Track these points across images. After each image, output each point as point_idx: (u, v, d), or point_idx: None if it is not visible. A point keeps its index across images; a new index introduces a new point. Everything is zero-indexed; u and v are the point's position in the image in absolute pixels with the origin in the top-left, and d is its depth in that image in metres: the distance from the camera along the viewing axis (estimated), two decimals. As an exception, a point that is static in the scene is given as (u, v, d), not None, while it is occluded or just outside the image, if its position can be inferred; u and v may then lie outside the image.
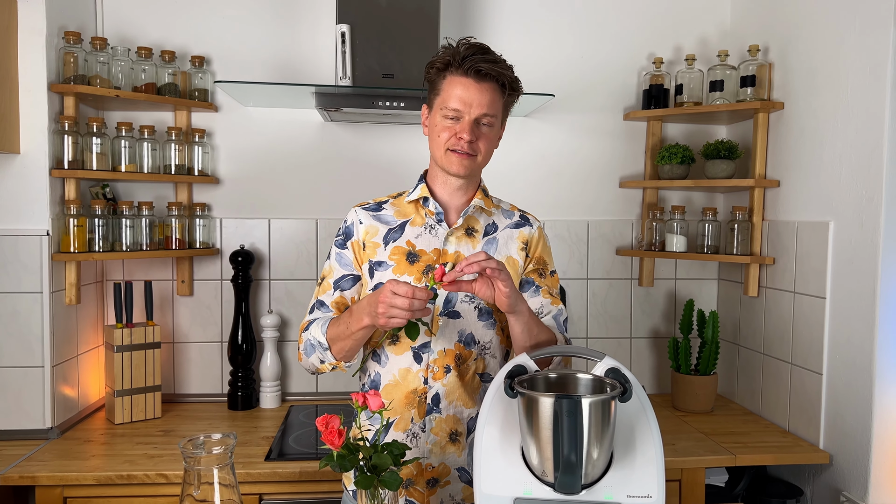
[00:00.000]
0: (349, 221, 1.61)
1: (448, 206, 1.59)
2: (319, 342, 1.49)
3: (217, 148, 2.58)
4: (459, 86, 1.45)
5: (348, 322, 1.44)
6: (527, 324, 1.44)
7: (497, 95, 1.48)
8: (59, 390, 2.21)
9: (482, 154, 1.51)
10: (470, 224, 1.58)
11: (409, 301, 1.31)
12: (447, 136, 1.48)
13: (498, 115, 1.51)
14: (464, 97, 1.45)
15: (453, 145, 1.48)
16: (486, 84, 1.45)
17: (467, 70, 1.44)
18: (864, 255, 1.96)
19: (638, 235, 2.76)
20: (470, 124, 1.46)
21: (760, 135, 2.42)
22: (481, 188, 1.62)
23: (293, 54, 2.57)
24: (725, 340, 2.73)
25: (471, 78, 1.45)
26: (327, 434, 1.21)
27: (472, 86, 1.45)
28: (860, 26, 1.99)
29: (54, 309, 2.17)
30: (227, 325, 2.59)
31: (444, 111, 1.47)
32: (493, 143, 1.53)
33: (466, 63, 1.44)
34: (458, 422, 1.54)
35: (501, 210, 1.65)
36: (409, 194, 1.60)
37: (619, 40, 2.71)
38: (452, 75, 1.47)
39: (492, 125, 1.50)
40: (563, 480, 1.16)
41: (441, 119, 1.49)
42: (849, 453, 2.02)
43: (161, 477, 1.90)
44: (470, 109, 1.45)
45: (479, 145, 1.49)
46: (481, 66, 1.43)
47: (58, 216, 2.19)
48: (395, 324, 1.34)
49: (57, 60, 2.19)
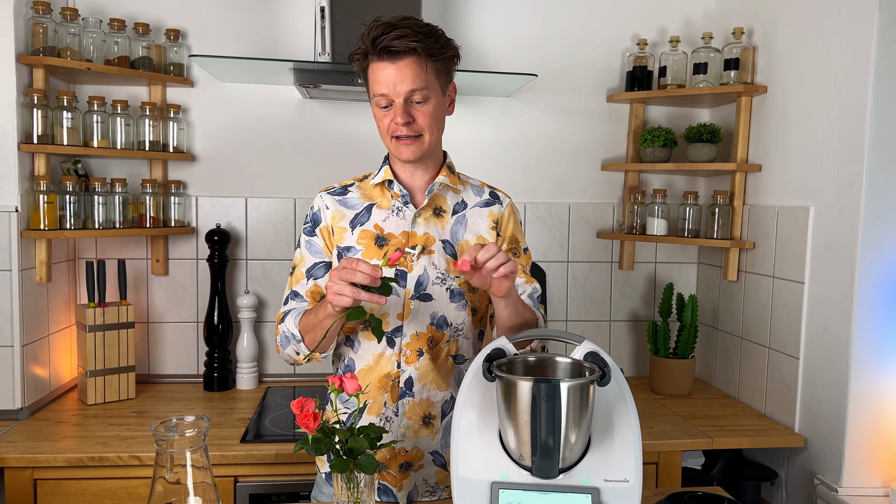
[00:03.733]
0: (316, 207, 1.58)
1: (412, 188, 1.55)
2: (293, 334, 1.47)
3: (193, 124, 2.52)
4: (378, 70, 1.41)
5: (317, 311, 1.41)
6: (515, 305, 1.43)
7: (418, 67, 1.41)
8: (29, 370, 2.16)
9: (427, 131, 1.45)
10: (437, 203, 1.55)
11: (352, 272, 1.27)
12: (386, 122, 1.45)
13: (431, 87, 1.44)
14: (385, 81, 1.40)
15: (394, 131, 1.45)
16: (402, 61, 1.39)
17: (380, 53, 1.39)
18: (843, 241, 1.97)
19: (619, 218, 2.75)
20: (401, 107, 1.41)
21: (743, 118, 2.42)
22: (447, 165, 1.57)
23: (271, 29, 2.52)
24: (704, 324, 2.74)
25: (385, 60, 1.40)
26: (302, 417, 1.18)
27: (388, 67, 1.40)
28: (844, 12, 1.98)
29: (24, 287, 2.12)
30: (203, 305, 2.55)
31: (376, 100, 1.44)
32: (435, 117, 1.46)
33: (377, 46, 1.38)
34: (432, 405, 1.53)
35: (471, 186, 1.61)
36: (374, 177, 1.57)
37: (603, 21, 2.68)
38: (372, 62, 1.42)
39: (425, 99, 1.43)
40: (541, 465, 1.15)
41: (377, 109, 1.46)
42: (823, 437, 2.04)
43: (134, 459, 1.87)
44: (395, 90, 1.41)
45: (418, 125, 1.44)
46: (391, 45, 1.38)
47: (27, 192, 2.13)
48: (342, 301, 1.28)
49: (25, 31, 2.12)
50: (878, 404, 1.93)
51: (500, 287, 1.35)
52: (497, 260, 1.30)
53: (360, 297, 1.28)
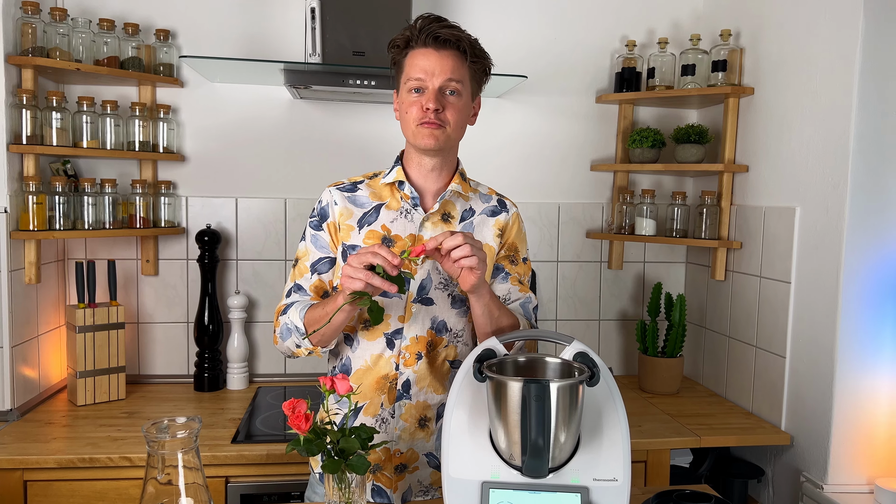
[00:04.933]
0: (324, 202, 1.56)
1: (424, 191, 1.55)
2: (297, 326, 1.46)
3: (183, 124, 2.52)
4: (420, 56, 1.44)
5: (325, 304, 1.41)
6: (487, 306, 1.42)
7: (459, 61, 1.45)
8: (18, 371, 2.15)
9: (451, 125, 1.46)
10: (446, 209, 1.55)
11: (373, 254, 1.28)
12: (415, 110, 1.45)
13: (465, 83, 1.46)
14: (425, 66, 1.43)
15: (421, 118, 1.44)
16: (446, 51, 1.43)
17: (426, 40, 1.43)
18: (828, 241, 1.99)
19: (608, 218, 2.77)
20: (434, 92, 1.43)
21: (730, 120, 2.44)
22: (459, 171, 1.57)
23: (262, 29, 2.52)
24: (692, 323, 2.77)
25: (430, 47, 1.43)
26: (294, 418, 1.19)
27: (432, 54, 1.43)
28: (830, 15, 2.00)
29: (13, 288, 2.11)
30: (194, 305, 2.55)
31: (408, 84, 1.45)
32: (462, 114, 1.48)
33: (424, 33, 1.42)
34: (428, 408, 1.54)
35: (479, 194, 1.61)
36: (385, 176, 1.56)
37: (592, 22, 2.69)
38: (413, 50, 1.45)
39: (458, 93, 1.45)
40: (531, 464, 1.16)
41: (407, 94, 1.46)
42: (809, 435, 2.06)
43: (125, 460, 1.87)
44: (433, 78, 1.43)
45: (446, 115, 1.45)
46: (439, 33, 1.42)
47: (16, 193, 2.12)
48: (353, 284, 1.29)
49: (14, 31, 2.11)
50: (863, 402, 1.96)
51: (466, 280, 1.35)
52: (461, 251, 1.30)
53: (373, 283, 1.28)
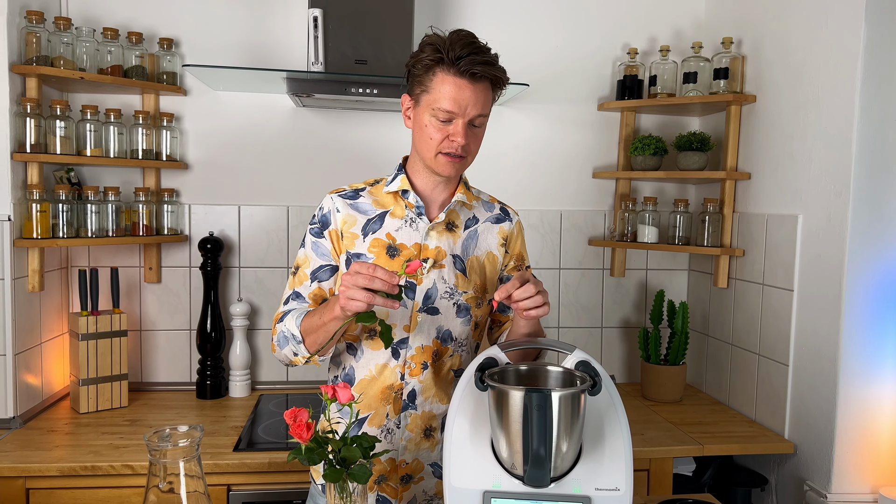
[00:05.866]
0: (325, 209, 1.54)
1: (429, 200, 1.54)
2: (293, 334, 1.44)
3: (186, 132, 2.53)
4: (454, 86, 1.38)
5: (322, 313, 1.39)
6: (536, 324, 1.47)
7: (490, 94, 1.43)
8: (21, 379, 2.16)
9: (472, 154, 1.47)
10: (451, 218, 1.55)
11: (370, 279, 1.25)
12: (440, 137, 1.41)
13: (488, 114, 1.46)
14: (459, 99, 1.37)
15: (446, 148, 1.42)
16: (480, 84, 1.39)
17: (462, 71, 1.36)
18: (831, 249, 1.99)
19: (610, 226, 2.77)
20: (464, 127, 1.40)
21: (732, 127, 2.44)
22: (463, 181, 1.58)
23: (265, 38, 2.53)
24: (695, 331, 2.76)
25: (465, 79, 1.37)
26: (295, 427, 1.19)
27: (466, 87, 1.37)
28: (832, 22, 2.00)
29: (16, 296, 2.12)
30: (196, 313, 2.55)
31: (435, 112, 1.40)
32: (481, 140, 1.48)
33: (462, 64, 1.36)
34: (433, 418, 1.53)
35: (482, 202, 1.62)
36: (388, 184, 1.55)
37: (594, 30, 2.70)
38: (445, 73, 1.38)
39: (483, 125, 1.46)
40: (533, 474, 1.16)
41: (431, 119, 1.41)
42: (813, 443, 2.05)
43: (127, 468, 1.87)
44: (465, 111, 1.39)
45: (469, 147, 1.44)
46: (476, 69, 1.36)
47: (20, 201, 2.13)
48: (354, 306, 1.26)
49: (19, 40, 2.12)
50: (867, 411, 1.95)
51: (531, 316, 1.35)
52: (533, 301, 1.32)
53: (375, 303, 1.26)
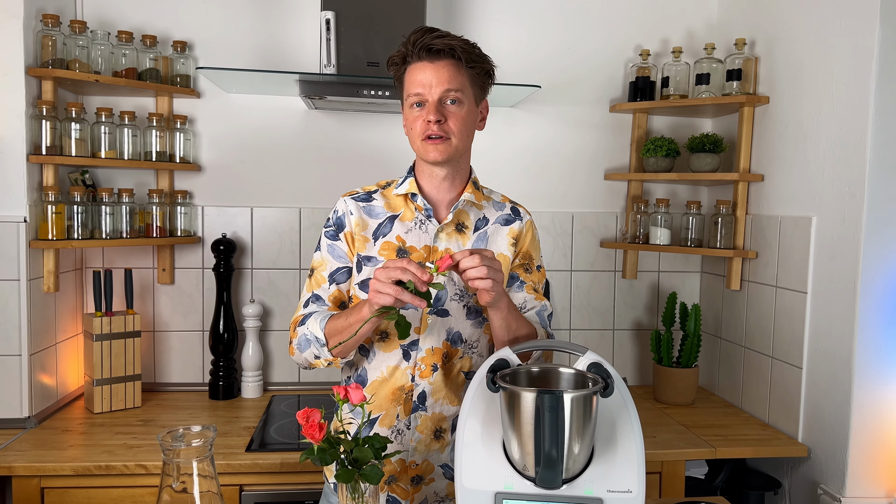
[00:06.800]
0: (340, 212, 1.56)
1: (437, 201, 1.55)
2: (317, 337, 1.45)
3: (199, 135, 2.54)
4: (416, 70, 1.44)
5: (348, 316, 1.40)
6: (505, 319, 1.43)
7: (455, 70, 1.44)
8: (36, 379, 2.18)
9: (456, 135, 1.45)
10: (460, 219, 1.55)
11: (402, 269, 1.27)
12: (419, 125, 1.45)
13: (465, 91, 1.45)
14: (422, 79, 1.43)
15: (425, 130, 1.44)
16: (441, 61, 1.43)
17: (420, 53, 1.43)
18: (845, 251, 1.98)
19: (622, 228, 2.76)
20: (434, 105, 1.43)
21: (745, 129, 2.43)
22: (472, 181, 1.57)
23: (277, 41, 2.54)
24: (707, 333, 2.75)
25: (424, 60, 1.43)
26: (308, 428, 1.19)
27: (427, 67, 1.43)
28: (845, 23, 1.99)
29: (32, 297, 2.14)
30: (209, 314, 2.56)
31: (409, 99, 1.45)
32: (466, 122, 1.47)
33: (417, 46, 1.42)
34: (444, 419, 1.53)
35: (492, 202, 1.61)
36: (397, 187, 1.56)
37: (606, 32, 2.70)
38: (411, 64, 1.46)
39: (459, 101, 1.45)
40: (544, 475, 1.16)
41: (409, 110, 1.46)
42: (827, 447, 2.04)
43: (140, 468, 1.88)
44: (431, 90, 1.43)
45: (449, 126, 1.44)
46: (431, 44, 1.42)
47: (35, 203, 2.15)
48: (382, 299, 1.28)
49: (35, 44, 2.14)
50: (882, 414, 1.93)
51: (481, 297, 1.36)
52: (476, 272, 1.31)
53: (403, 298, 1.28)
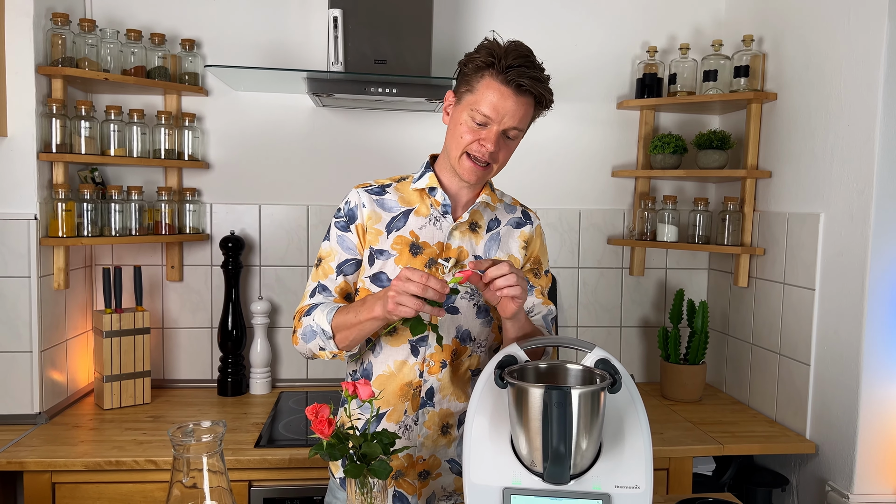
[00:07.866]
0: (352, 203, 1.55)
1: (455, 199, 1.55)
2: (323, 329, 1.44)
3: (207, 132, 2.55)
4: (497, 93, 1.38)
5: (358, 311, 1.39)
6: (522, 328, 1.45)
7: (530, 110, 1.43)
8: (47, 375, 2.20)
9: (499, 164, 1.47)
10: (474, 219, 1.55)
11: (423, 287, 1.26)
12: (470, 138, 1.43)
13: (525, 130, 1.46)
14: (499, 107, 1.39)
15: (473, 150, 1.43)
16: (523, 98, 1.40)
17: (508, 80, 1.37)
18: (853, 248, 1.97)
19: (629, 225, 2.76)
20: (497, 134, 1.41)
21: (753, 125, 2.42)
22: (488, 182, 1.58)
23: (285, 39, 2.55)
24: (715, 330, 2.75)
25: (510, 88, 1.38)
26: (317, 423, 1.20)
27: (510, 97, 1.38)
28: (854, 19, 1.98)
29: (42, 294, 2.15)
30: (217, 310, 2.58)
31: (472, 113, 1.41)
32: (510, 153, 1.48)
33: (510, 73, 1.37)
34: (451, 415, 1.54)
35: (504, 204, 1.62)
36: (415, 181, 1.55)
37: (613, 28, 2.69)
38: (492, 79, 1.39)
39: (517, 138, 1.46)
40: (552, 471, 1.16)
41: (467, 119, 1.42)
42: (835, 444, 2.04)
43: (150, 463, 1.90)
44: (501, 119, 1.40)
45: (499, 155, 1.45)
46: (523, 82, 1.37)
47: (46, 200, 2.16)
48: (403, 312, 1.28)
49: (44, 42, 2.16)
50: (890, 410, 1.93)
51: (506, 308, 1.36)
52: (507, 280, 1.31)
53: (424, 311, 1.28)
